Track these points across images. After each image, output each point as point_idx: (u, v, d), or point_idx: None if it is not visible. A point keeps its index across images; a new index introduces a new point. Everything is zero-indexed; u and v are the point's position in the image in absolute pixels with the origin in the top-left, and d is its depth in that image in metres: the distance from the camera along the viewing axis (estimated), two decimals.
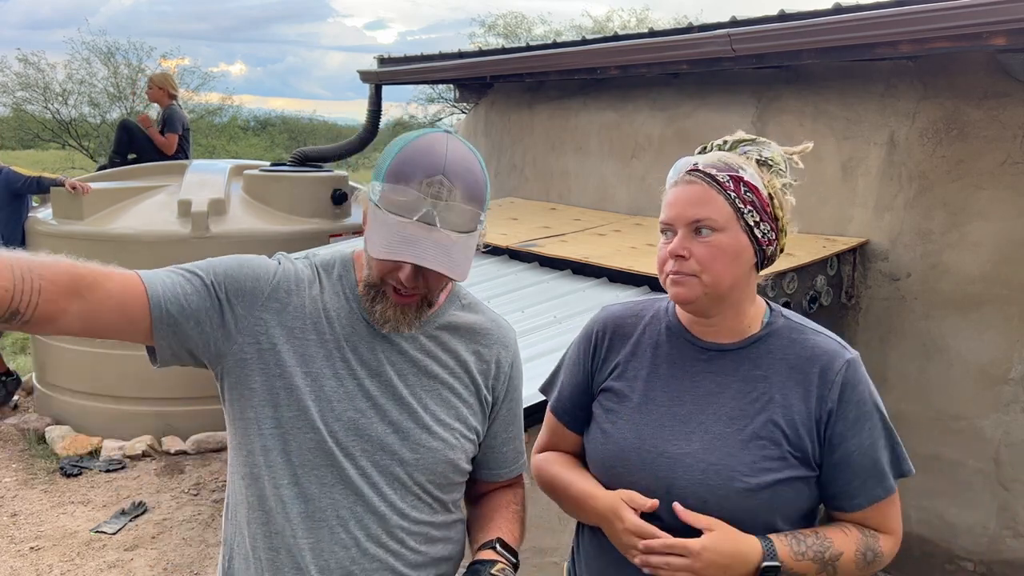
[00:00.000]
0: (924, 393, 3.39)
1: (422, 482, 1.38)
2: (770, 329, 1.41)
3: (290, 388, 1.31)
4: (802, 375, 1.36)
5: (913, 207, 3.42)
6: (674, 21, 21.83)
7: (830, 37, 3.19)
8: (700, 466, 1.34)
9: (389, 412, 1.35)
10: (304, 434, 1.31)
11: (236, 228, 5.04)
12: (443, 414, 1.40)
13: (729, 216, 1.32)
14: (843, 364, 1.36)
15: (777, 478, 1.32)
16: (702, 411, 1.38)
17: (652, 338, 1.47)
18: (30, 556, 3.77)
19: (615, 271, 3.41)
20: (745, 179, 1.33)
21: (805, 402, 1.35)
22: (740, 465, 1.32)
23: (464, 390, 1.44)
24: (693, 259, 1.33)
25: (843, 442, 1.34)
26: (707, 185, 1.33)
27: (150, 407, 4.92)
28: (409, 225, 1.23)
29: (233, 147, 21.70)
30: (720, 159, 1.36)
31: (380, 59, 6.23)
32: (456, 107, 12.15)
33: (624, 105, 4.72)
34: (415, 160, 1.25)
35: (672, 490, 1.34)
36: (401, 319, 1.34)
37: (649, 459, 1.37)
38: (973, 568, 3.29)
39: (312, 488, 1.32)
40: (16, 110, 20.03)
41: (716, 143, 1.42)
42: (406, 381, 1.37)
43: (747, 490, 1.31)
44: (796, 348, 1.38)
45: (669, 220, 1.37)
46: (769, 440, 1.33)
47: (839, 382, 1.34)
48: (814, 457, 1.35)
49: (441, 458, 1.39)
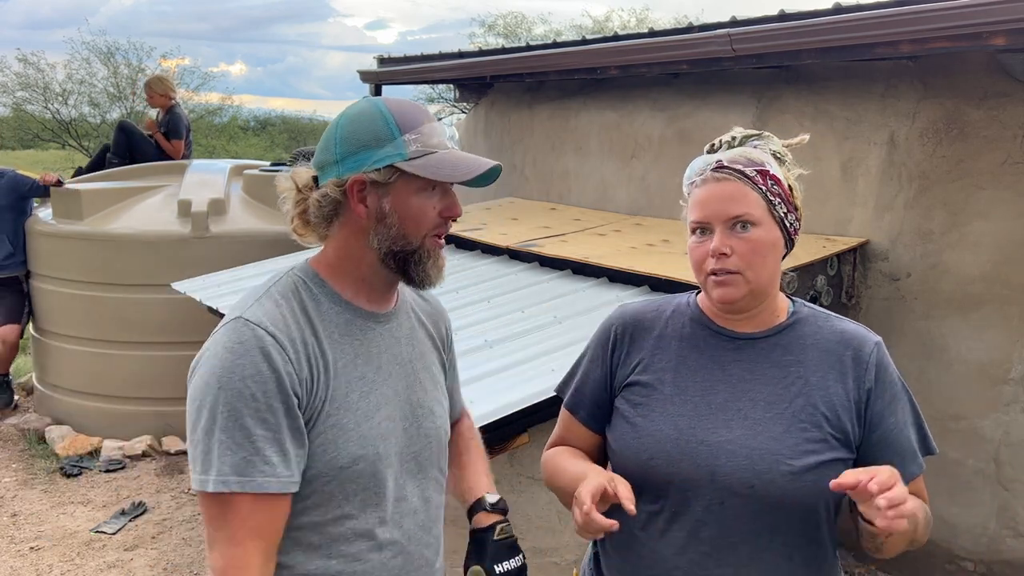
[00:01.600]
0: (924, 393, 3.39)
1: (436, 461, 1.44)
2: (796, 317, 1.44)
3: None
4: (835, 358, 1.39)
5: (913, 207, 3.42)
6: (674, 21, 21.82)
7: (830, 37, 3.19)
8: (743, 451, 1.34)
9: (402, 408, 1.37)
10: (356, 465, 1.30)
11: (236, 228, 5.04)
12: (435, 390, 1.46)
13: (764, 210, 1.34)
14: (874, 346, 1.41)
15: (820, 460, 1.32)
16: (738, 398, 1.38)
17: (676, 331, 1.47)
18: (30, 556, 3.77)
19: (615, 271, 3.41)
20: (771, 172, 1.36)
21: (843, 384, 1.37)
22: (784, 448, 1.33)
23: (438, 360, 1.51)
24: (735, 256, 1.33)
25: (882, 421, 1.37)
26: (739, 181, 1.34)
27: (150, 407, 4.91)
28: (451, 152, 1.30)
29: (233, 147, 21.70)
30: (742, 154, 1.37)
31: (380, 59, 6.23)
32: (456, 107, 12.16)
33: (624, 105, 4.72)
34: (404, 111, 1.30)
35: (716, 477, 1.34)
36: (445, 263, 1.37)
37: (689, 449, 1.36)
38: (973, 568, 3.29)
39: (355, 510, 1.31)
40: (16, 110, 20.03)
41: (725, 140, 1.42)
42: (405, 370, 1.39)
43: (792, 473, 1.31)
44: (824, 333, 1.41)
45: (705, 218, 1.36)
46: (810, 423, 1.34)
47: (874, 363, 1.38)
48: (854, 439, 1.36)
49: (443, 433, 1.45)
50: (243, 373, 1.19)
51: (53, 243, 5.13)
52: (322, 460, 1.26)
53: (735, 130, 1.46)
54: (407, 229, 1.29)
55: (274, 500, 1.21)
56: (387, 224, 1.29)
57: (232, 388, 1.19)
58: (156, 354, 4.89)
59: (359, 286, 1.35)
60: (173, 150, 6.41)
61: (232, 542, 1.19)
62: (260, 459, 1.19)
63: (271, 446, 1.20)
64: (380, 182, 1.27)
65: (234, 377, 1.19)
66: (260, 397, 1.19)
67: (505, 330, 2.97)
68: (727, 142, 1.42)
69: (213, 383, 1.19)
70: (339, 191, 1.29)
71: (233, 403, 1.19)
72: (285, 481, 1.21)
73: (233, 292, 3.81)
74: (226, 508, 1.19)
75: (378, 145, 1.27)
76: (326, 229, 1.33)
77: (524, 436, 2.63)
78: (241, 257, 4.57)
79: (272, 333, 1.22)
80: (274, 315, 1.26)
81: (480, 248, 4.08)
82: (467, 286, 3.55)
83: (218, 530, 1.20)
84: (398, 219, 1.29)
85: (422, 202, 1.29)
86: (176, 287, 4.11)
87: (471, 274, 3.73)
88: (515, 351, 2.78)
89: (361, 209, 1.29)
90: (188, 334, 4.66)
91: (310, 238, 1.36)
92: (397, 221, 1.29)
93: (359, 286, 1.35)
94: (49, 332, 5.26)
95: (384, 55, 6.20)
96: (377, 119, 1.28)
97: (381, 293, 1.38)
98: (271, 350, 1.21)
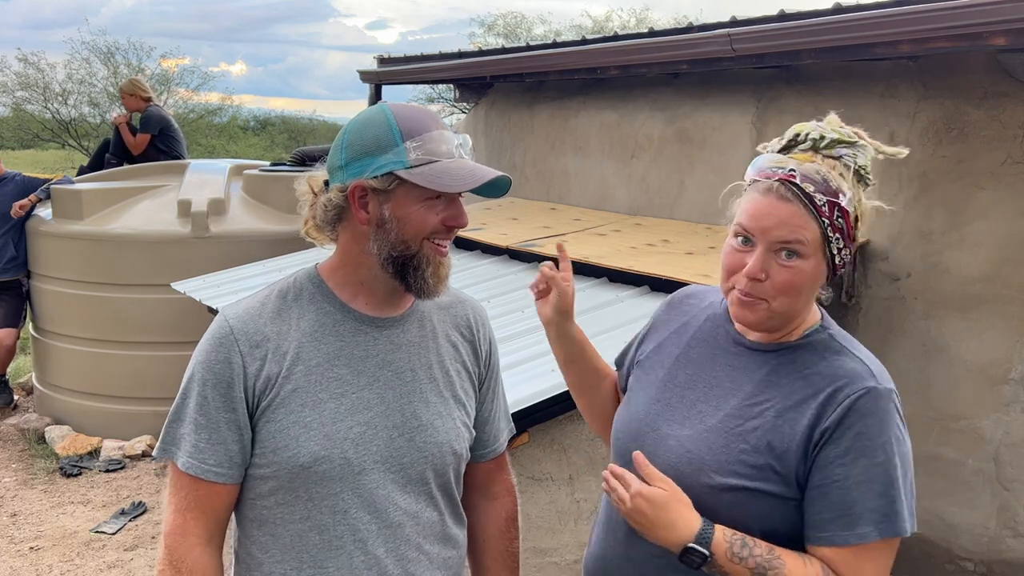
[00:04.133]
0: (924, 393, 3.39)
1: (431, 478, 1.38)
2: (806, 341, 1.33)
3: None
4: (812, 391, 1.27)
5: (913, 207, 3.42)
6: (674, 21, 21.82)
7: (830, 37, 3.19)
8: (679, 451, 1.33)
9: (391, 416, 1.33)
10: (319, 466, 1.29)
11: (236, 228, 5.04)
12: (442, 404, 1.39)
13: (818, 244, 1.24)
14: (861, 390, 1.24)
15: (745, 485, 1.26)
16: (706, 400, 1.37)
17: (698, 323, 1.47)
18: (30, 556, 3.76)
19: (615, 271, 3.41)
20: (842, 205, 1.23)
21: (806, 419, 1.26)
22: (712, 461, 1.29)
23: (466, 376, 1.45)
24: (769, 283, 1.25)
25: (826, 467, 1.23)
26: (803, 207, 1.23)
27: (150, 407, 4.91)
28: (456, 161, 1.28)
29: (233, 147, 21.72)
30: (820, 174, 1.24)
31: (380, 59, 6.23)
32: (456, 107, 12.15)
33: (624, 105, 4.72)
34: (411, 117, 1.30)
35: (662, 469, 1.32)
36: (447, 272, 1.36)
37: (642, 434, 1.39)
38: (973, 568, 3.28)
39: (325, 518, 1.30)
40: (16, 110, 20.05)
41: (811, 135, 1.29)
42: (402, 378, 1.36)
43: (711, 487, 1.28)
44: (821, 365, 1.29)
45: (753, 231, 1.26)
46: (752, 448, 1.27)
47: (846, 405, 1.23)
48: (798, 478, 1.26)
49: (447, 451, 1.38)
50: (207, 360, 1.29)
51: (53, 243, 5.14)
52: (282, 455, 1.28)
53: (830, 120, 1.31)
54: (406, 235, 1.29)
55: (207, 482, 1.29)
56: (386, 230, 1.30)
57: (193, 374, 1.30)
58: (156, 354, 4.89)
59: (358, 289, 1.36)
60: (134, 144, 6.26)
61: (176, 511, 1.30)
62: (191, 440, 1.28)
63: (203, 432, 1.28)
64: (380, 189, 1.28)
65: (197, 363, 1.31)
66: (209, 385, 1.28)
67: (505, 330, 2.97)
68: (814, 140, 1.28)
69: (190, 365, 1.32)
70: (342, 196, 1.31)
71: (189, 387, 1.30)
72: (209, 468, 1.27)
73: (233, 292, 3.81)
74: (173, 478, 1.31)
75: (380, 152, 1.27)
76: (332, 232, 1.35)
77: (524, 436, 2.63)
78: (241, 257, 4.57)
79: (232, 327, 1.30)
80: (249, 311, 1.32)
81: (480, 248, 4.08)
82: (467, 286, 3.55)
83: (170, 496, 1.32)
84: (397, 226, 1.29)
85: (423, 210, 1.29)
86: (176, 287, 4.11)
87: (471, 274, 3.74)
88: (515, 351, 2.78)
89: (362, 215, 1.30)
90: (188, 334, 4.65)
91: (322, 240, 1.38)
92: (396, 227, 1.29)
93: (358, 289, 1.36)
94: (49, 332, 5.26)
95: (384, 55, 6.20)
96: (382, 126, 1.29)
97: (383, 298, 1.37)
98: (228, 343, 1.29)
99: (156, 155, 6.30)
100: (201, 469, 1.27)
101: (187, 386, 1.31)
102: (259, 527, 1.33)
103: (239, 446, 1.29)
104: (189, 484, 1.29)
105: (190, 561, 1.27)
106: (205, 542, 1.29)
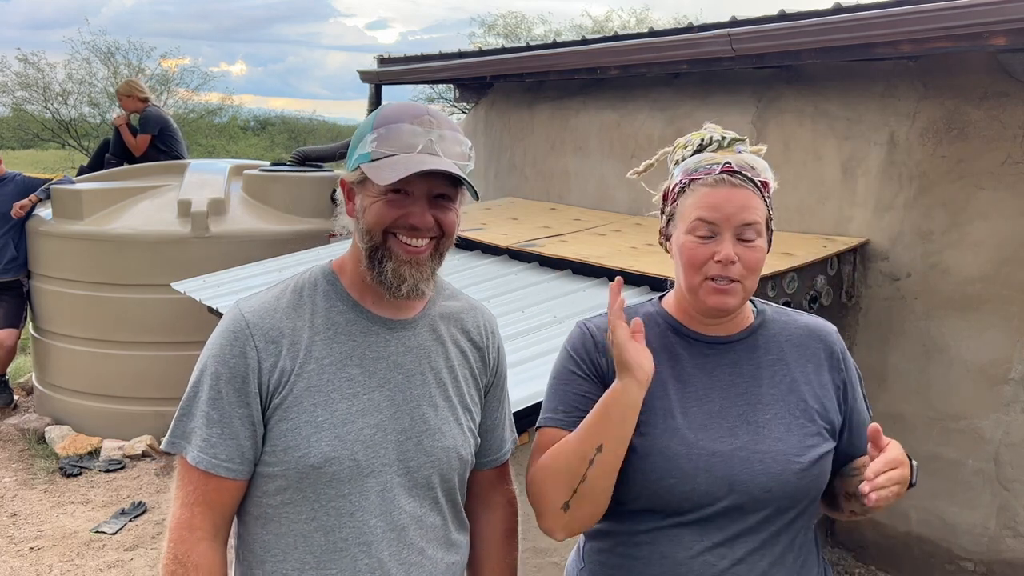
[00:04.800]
0: (924, 393, 3.39)
1: (436, 483, 1.37)
2: (763, 318, 1.46)
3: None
4: (810, 351, 1.43)
5: (913, 207, 3.42)
6: (674, 21, 21.82)
7: (830, 37, 3.20)
8: (756, 457, 1.33)
9: (400, 420, 1.33)
10: (329, 467, 1.28)
11: (236, 228, 5.04)
12: (450, 411, 1.39)
13: (764, 222, 1.35)
14: (835, 336, 1.47)
15: (820, 452, 1.36)
16: (735, 403, 1.37)
17: (658, 340, 1.41)
18: (30, 556, 3.76)
19: (615, 271, 3.41)
20: (770, 184, 1.38)
21: (822, 376, 1.41)
22: (789, 448, 1.34)
23: (464, 379, 1.43)
24: (739, 264, 1.32)
25: (856, 403, 1.44)
26: (751, 190, 1.34)
27: (150, 407, 4.91)
28: (414, 156, 1.24)
29: (233, 147, 21.71)
30: (749, 161, 1.37)
31: (380, 59, 6.23)
32: (456, 107, 12.16)
33: (624, 105, 4.72)
34: (398, 110, 1.29)
35: (735, 486, 1.32)
36: (418, 275, 1.29)
37: (703, 462, 1.32)
38: (973, 568, 3.28)
39: (331, 519, 1.30)
40: (16, 110, 20.04)
41: (715, 138, 1.41)
42: (411, 382, 1.35)
43: (802, 470, 1.33)
44: (792, 329, 1.45)
45: (716, 220, 1.32)
46: (805, 418, 1.37)
47: (841, 353, 1.44)
48: (838, 427, 1.41)
49: (455, 456, 1.38)
50: (221, 354, 1.28)
51: (53, 243, 5.13)
52: (292, 455, 1.27)
53: (709, 127, 1.45)
54: (369, 225, 1.29)
55: (217, 477, 1.27)
56: (360, 223, 1.31)
57: (205, 367, 1.29)
58: (156, 354, 4.89)
59: (363, 287, 1.36)
60: (135, 145, 6.25)
61: (183, 504, 1.28)
62: (202, 434, 1.27)
63: (215, 427, 1.26)
64: (355, 181, 1.30)
65: (210, 356, 1.29)
66: (223, 379, 1.27)
67: (505, 330, 2.96)
68: (718, 141, 1.41)
69: (201, 358, 1.31)
70: (342, 191, 1.35)
71: (200, 380, 1.28)
72: (220, 463, 1.26)
73: (233, 292, 3.81)
74: (182, 472, 1.29)
75: (359, 146, 1.30)
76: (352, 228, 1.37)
77: (524, 436, 2.63)
78: (241, 257, 4.57)
79: (249, 321, 1.29)
80: (265, 305, 1.31)
81: (480, 248, 4.08)
82: (467, 286, 3.54)
83: (177, 489, 1.30)
84: (363, 217, 1.30)
85: (381, 203, 1.28)
86: (176, 287, 4.11)
87: (471, 274, 3.73)
88: (515, 351, 2.78)
89: (349, 207, 1.33)
90: (188, 334, 4.66)
91: None
92: (363, 219, 1.30)
93: (363, 287, 1.36)
94: (49, 332, 5.26)
95: (384, 55, 6.20)
96: (369, 121, 1.31)
97: (384, 297, 1.35)
98: (243, 337, 1.28)
99: (156, 155, 6.29)
100: (212, 464, 1.26)
101: (199, 379, 1.29)
102: (263, 524, 1.32)
103: (251, 442, 1.28)
104: (198, 478, 1.27)
105: (196, 555, 1.26)
106: (211, 537, 1.28)
